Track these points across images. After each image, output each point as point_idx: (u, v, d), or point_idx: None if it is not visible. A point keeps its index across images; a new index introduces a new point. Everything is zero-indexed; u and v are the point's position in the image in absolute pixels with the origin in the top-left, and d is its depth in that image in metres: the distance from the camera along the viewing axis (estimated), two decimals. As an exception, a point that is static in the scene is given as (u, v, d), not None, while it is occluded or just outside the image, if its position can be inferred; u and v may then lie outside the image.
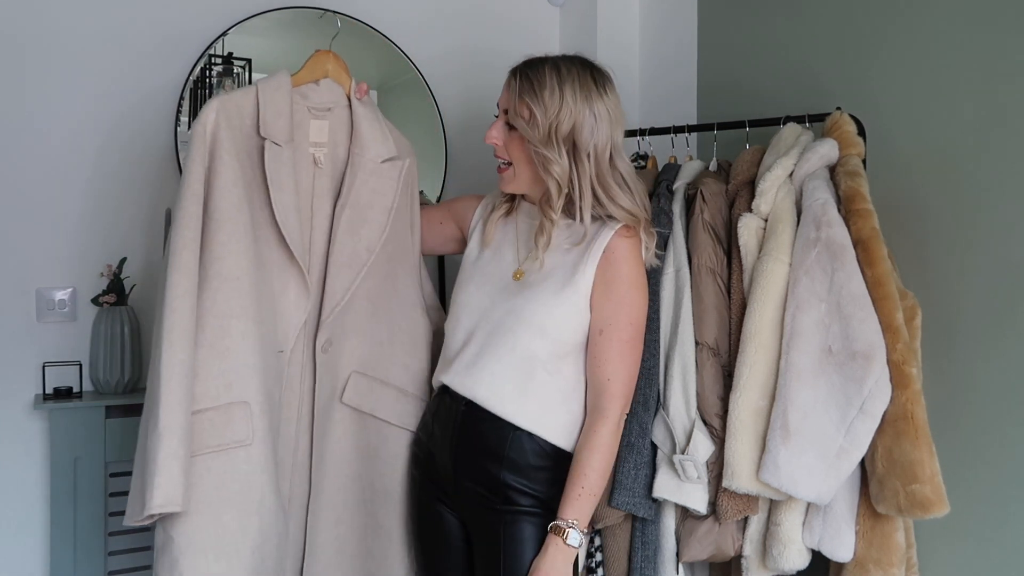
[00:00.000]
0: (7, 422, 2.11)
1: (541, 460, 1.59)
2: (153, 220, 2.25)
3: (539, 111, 1.54)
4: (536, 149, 1.56)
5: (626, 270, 1.58)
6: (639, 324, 1.61)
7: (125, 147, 2.23)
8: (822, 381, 1.58)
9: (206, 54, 2.32)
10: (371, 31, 2.53)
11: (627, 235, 1.60)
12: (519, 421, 1.58)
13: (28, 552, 2.12)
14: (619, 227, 1.59)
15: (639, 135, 2.10)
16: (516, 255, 1.66)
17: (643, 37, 2.74)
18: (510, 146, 1.61)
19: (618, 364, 1.58)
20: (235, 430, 1.52)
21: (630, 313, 1.58)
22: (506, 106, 1.61)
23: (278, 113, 1.64)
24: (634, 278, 1.59)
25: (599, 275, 1.58)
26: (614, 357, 1.58)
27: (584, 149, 1.55)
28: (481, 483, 1.60)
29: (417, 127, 2.63)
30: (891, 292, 1.59)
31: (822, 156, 1.74)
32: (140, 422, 1.55)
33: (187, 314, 1.48)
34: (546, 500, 1.58)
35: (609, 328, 1.57)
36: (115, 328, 2.13)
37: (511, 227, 1.70)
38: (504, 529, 1.57)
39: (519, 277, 1.63)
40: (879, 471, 1.55)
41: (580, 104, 1.55)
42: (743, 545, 1.69)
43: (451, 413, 1.64)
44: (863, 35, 2.02)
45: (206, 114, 1.57)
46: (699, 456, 1.66)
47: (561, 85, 1.55)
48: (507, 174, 1.65)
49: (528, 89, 1.55)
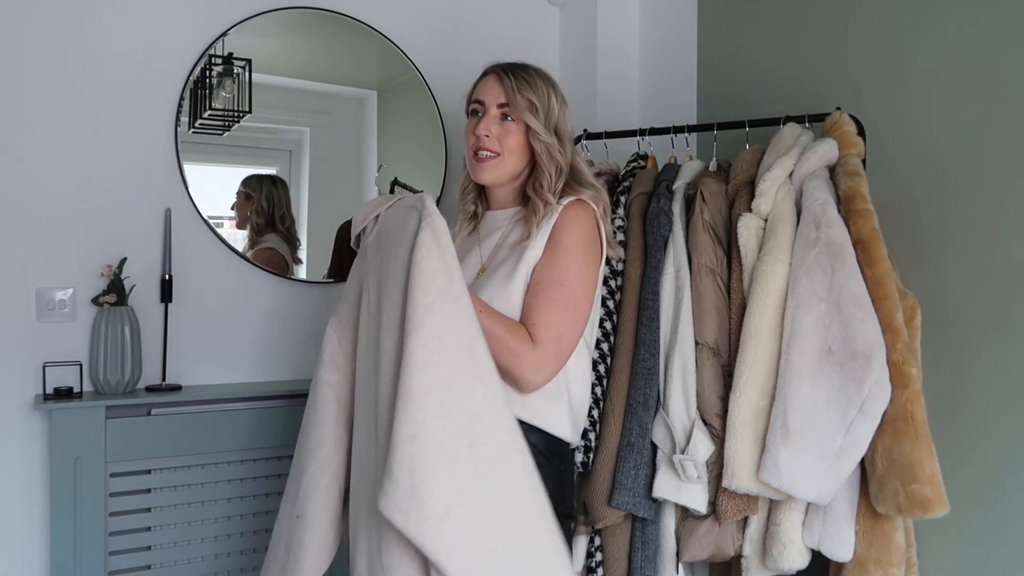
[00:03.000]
0: (7, 422, 2.11)
1: (534, 458, 1.56)
2: (153, 220, 2.25)
3: (540, 103, 1.67)
4: (541, 138, 1.66)
5: (565, 238, 1.62)
6: (572, 289, 1.59)
7: (125, 147, 2.23)
8: (822, 381, 1.58)
9: (206, 54, 2.32)
10: (371, 31, 2.53)
11: (575, 207, 1.65)
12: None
13: (28, 552, 2.12)
14: (566, 203, 1.65)
15: (639, 135, 2.10)
16: (480, 257, 1.71)
17: (643, 37, 2.74)
18: (504, 138, 1.68)
19: (543, 315, 1.56)
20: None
21: (560, 276, 1.59)
22: (501, 101, 1.67)
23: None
24: (571, 246, 1.61)
25: (546, 248, 1.62)
26: (540, 308, 1.57)
27: (564, 136, 1.70)
28: None
29: (417, 127, 2.63)
30: (891, 292, 1.59)
31: (822, 156, 1.74)
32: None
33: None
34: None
35: (538, 287, 1.59)
36: (115, 328, 2.13)
37: (474, 239, 1.76)
38: None
39: (481, 274, 1.68)
40: (879, 471, 1.55)
41: (559, 97, 1.71)
42: (743, 545, 1.69)
43: None
44: (863, 35, 2.02)
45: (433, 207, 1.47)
46: (699, 456, 1.66)
47: (544, 80, 1.71)
48: (491, 163, 1.68)
49: (525, 84, 1.67)
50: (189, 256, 2.29)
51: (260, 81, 2.39)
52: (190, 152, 2.30)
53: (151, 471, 2.13)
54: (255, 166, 2.44)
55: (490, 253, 1.71)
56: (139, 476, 2.11)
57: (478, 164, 1.70)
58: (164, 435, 2.12)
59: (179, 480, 2.15)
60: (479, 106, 1.71)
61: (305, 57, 2.52)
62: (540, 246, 1.62)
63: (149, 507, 2.13)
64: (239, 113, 2.37)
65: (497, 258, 1.68)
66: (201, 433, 2.15)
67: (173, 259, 2.23)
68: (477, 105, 1.72)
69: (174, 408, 2.14)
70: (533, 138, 1.67)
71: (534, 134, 1.66)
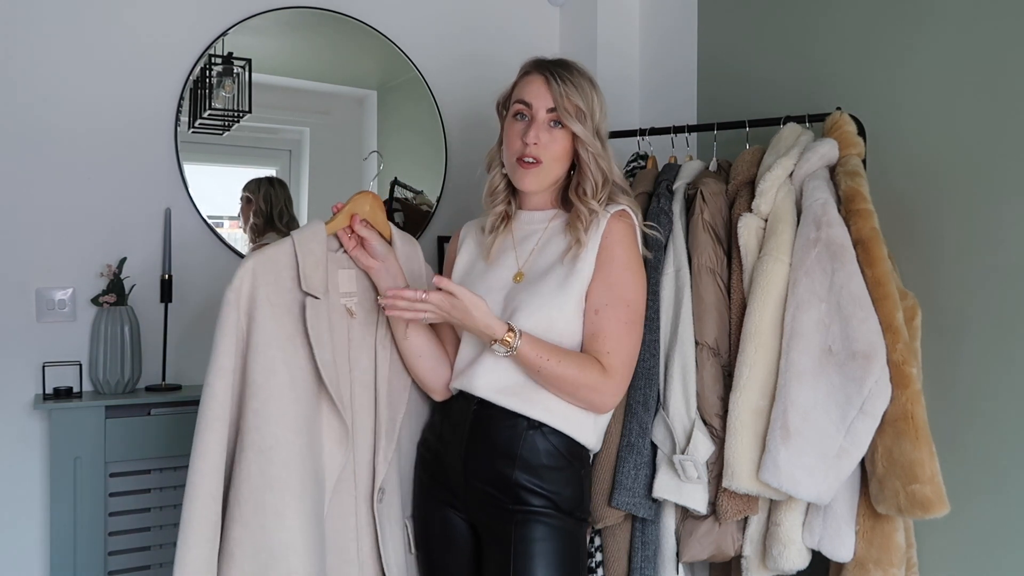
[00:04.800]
0: (7, 422, 2.11)
1: (554, 460, 1.57)
2: (153, 220, 2.25)
3: (587, 108, 1.61)
4: (589, 147, 1.61)
5: (620, 252, 1.59)
6: (637, 307, 1.60)
7: (125, 147, 2.23)
8: (822, 381, 1.58)
9: (206, 54, 2.32)
10: (371, 31, 2.53)
11: (622, 218, 1.62)
12: (531, 413, 1.56)
13: (28, 552, 2.12)
14: (614, 212, 1.62)
15: (639, 135, 2.10)
16: (516, 260, 1.67)
17: (643, 37, 2.74)
18: (550, 145, 1.61)
19: (616, 342, 1.56)
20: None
21: (625, 295, 1.58)
22: (549, 106, 1.61)
23: (316, 264, 1.56)
24: (628, 260, 1.60)
25: (598, 261, 1.59)
26: (612, 333, 1.56)
27: (605, 140, 1.65)
28: (491, 483, 1.57)
29: (417, 126, 2.63)
30: (891, 292, 1.59)
31: (822, 156, 1.74)
32: None
33: (205, 503, 1.44)
34: (559, 502, 1.56)
35: (606, 308, 1.57)
36: (115, 328, 2.13)
37: (508, 238, 1.70)
38: (515, 530, 1.54)
39: (520, 279, 1.64)
40: (879, 471, 1.55)
41: (600, 99, 1.65)
42: (743, 545, 1.69)
43: (463, 413, 1.62)
44: (863, 35, 2.02)
45: (240, 280, 1.49)
46: (699, 456, 1.66)
47: (589, 82, 1.64)
48: (535, 170, 1.62)
49: (572, 89, 1.60)
50: (189, 256, 2.29)
51: (260, 81, 2.39)
52: (190, 152, 2.30)
53: (151, 471, 2.13)
54: (255, 166, 2.44)
55: (529, 257, 1.66)
56: (139, 476, 2.11)
57: (523, 170, 1.62)
58: (164, 435, 2.12)
59: (179, 480, 2.15)
60: (525, 108, 1.63)
61: (305, 57, 2.52)
62: (592, 257, 1.59)
63: (149, 507, 2.13)
64: (239, 113, 2.37)
65: (539, 263, 1.64)
66: (201, 433, 2.15)
67: (173, 259, 2.23)
68: (522, 107, 1.63)
69: (174, 408, 2.14)
70: (580, 146, 1.62)
71: (582, 143, 1.61)
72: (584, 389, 1.54)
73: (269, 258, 1.53)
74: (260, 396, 1.48)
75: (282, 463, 1.47)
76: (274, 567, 1.45)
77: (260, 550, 1.45)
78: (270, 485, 1.46)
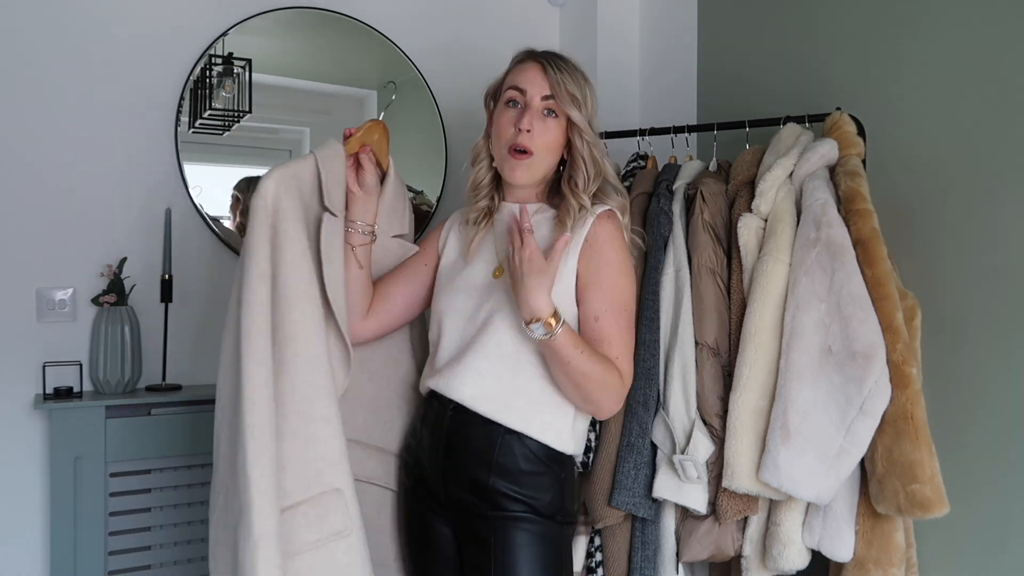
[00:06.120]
0: (7, 422, 2.11)
1: (532, 465, 1.53)
2: (153, 220, 2.25)
3: (582, 98, 1.58)
4: (585, 136, 1.58)
5: (611, 255, 1.56)
6: (632, 311, 1.60)
7: (125, 147, 2.23)
8: (822, 381, 1.58)
9: (206, 54, 2.32)
10: (371, 31, 2.53)
11: (610, 219, 1.58)
12: (508, 421, 1.52)
13: (28, 552, 2.12)
14: (600, 212, 1.57)
15: (639, 135, 2.10)
16: (495, 255, 1.62)
17: (643, 37, 2.74)
18: (543, 135, 1.57)
19: (621, 347, 1.55)
20: (331, 521, 1.44)
21: (623, 300, 1.57)
22: (545, 93, 1.56)
23: (338, 183, 1.57)
24: (620, 264, 1.57)
25: (583, 263, 1.55)
26: (617, 339, 1.55)
27: (597, 135, 1.61)
28: (469, 489, 1.54)
29: (417, 126, 2.63)
30: (891, 292, 1.59)
31: (822, 156, 1.74)
32: (220, 516, 1.47)
33: (268, 407, 1.38)
34: (538, 507, 1.52)
35: (606, 315, 1.54)
36: (115, 328, 2.13)
37: (488, 234, 1.66)
38: (494, 535, 1.51)
39: (499, 274, 1.59)
40: (879, 471, 1.55)
41: (593, 92, 1.61)
42: (743, 545, 1.69)
43: (439, 418, 1.58)
44: (863, 35, 2.02)
45: (266, 186, 1.48)
46: (699, 456, 1.66)
47: (581, 74, 1.61)
48: (527, 161, 1.57)
49: (568, 78, 1.57)
50: (189, 256, 2.29)
51: (260, 81, 2.39)
52: (190, 152, 2.31)
53: (151, 471, 2.13)
54: (255, 166, 2.44)
55: (504, 253, 1.58)
56: (139, 476, 2.11)
57: (515, 161, 1.57)
58: (164, 435, 2.12)
59: (179, 480, 2.15)
60: (518, 95, 1.57)
61: (305, 57, 2.52)
62: (573, 261, 1.55)
63: (149, 507, 2.13)
64: (239, 113, 2.37)
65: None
66: (201, 433, 2.14)
67: (173, 259, 2.23)
68: (516, 93, 1.58)
69: (174, 408, 2.15)
70: (575, 135, 1.57)
71: (578, 132, 1.57)
72: (602, 389, 1.51)
73: (293, 173, 1.53)
74: (300, 307, 1.45)
75: (325, 372, 1.47)
76: (328, 472, 1.44)
77: (314, 459, 1.44)
78: (316, 395, 1.45)
